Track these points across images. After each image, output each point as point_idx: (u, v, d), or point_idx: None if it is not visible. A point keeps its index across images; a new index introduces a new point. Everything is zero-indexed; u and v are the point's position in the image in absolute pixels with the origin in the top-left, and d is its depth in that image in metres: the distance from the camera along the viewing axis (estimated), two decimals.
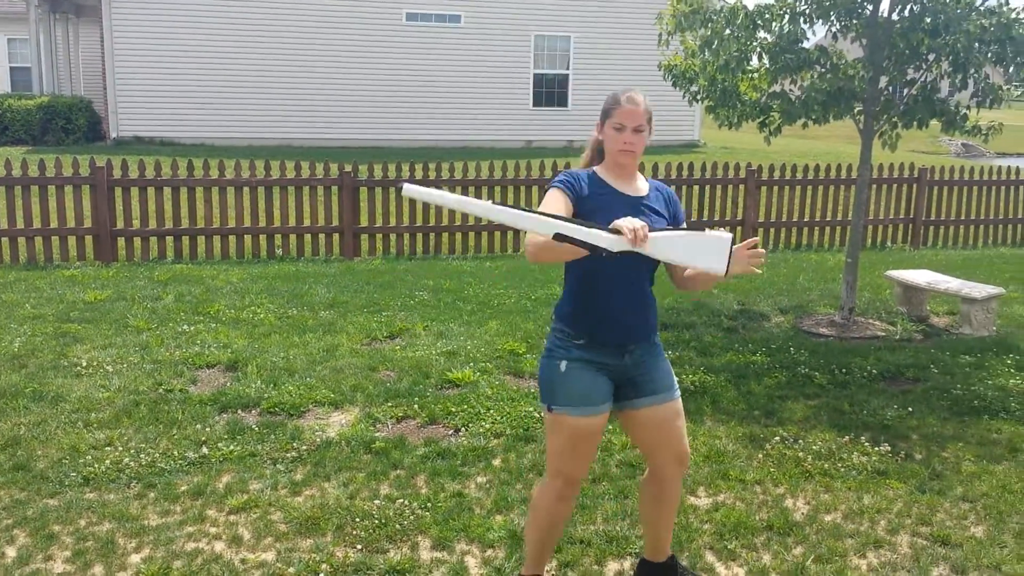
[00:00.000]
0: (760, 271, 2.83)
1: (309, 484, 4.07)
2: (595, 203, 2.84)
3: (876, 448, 4.60)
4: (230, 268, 8.84)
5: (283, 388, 5.26)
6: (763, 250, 2.81)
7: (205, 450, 4.38)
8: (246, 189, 9.49)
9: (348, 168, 9.71)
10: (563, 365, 2.86)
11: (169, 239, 9.30)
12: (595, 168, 2.98)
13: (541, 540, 3.06)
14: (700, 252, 2.69)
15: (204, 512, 3.78)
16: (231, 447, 4.42)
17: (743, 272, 2.80)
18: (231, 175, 9.51)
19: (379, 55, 20.14)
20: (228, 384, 5.35)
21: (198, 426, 4.67)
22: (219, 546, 3.51)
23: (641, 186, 2.97)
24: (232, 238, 9.49)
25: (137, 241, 9.22)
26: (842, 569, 3.43)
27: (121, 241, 9.15)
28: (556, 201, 2.82)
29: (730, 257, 2.70)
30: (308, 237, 9.74)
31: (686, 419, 3.09)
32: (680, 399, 3.03)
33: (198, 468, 4.20)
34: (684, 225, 2.97)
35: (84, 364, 5.60)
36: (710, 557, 3.51)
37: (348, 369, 5.66)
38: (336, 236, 9.72)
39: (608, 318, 2.87)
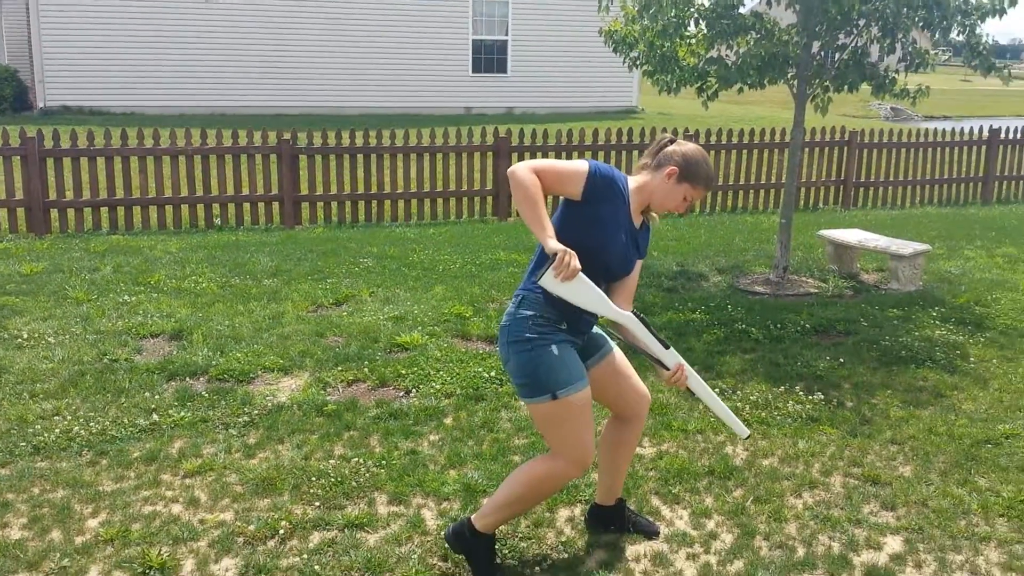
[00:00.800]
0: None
1: (263, 447, 4.11)
2: (605, 212, 2.90)
3: (810, 397, 4.82)
4: (168, 238, 8.73)
5: (231, 355, 5.26)
6: (678, 379, 3.04)
7: (156, 417, 4.38)
8: (182, 158, 9.34)
9: (287, 136, 9.61)
10: (555, 348, 2.89)
11: (104, 210, 9.12)
12: (630, 179, 3.02)
13: (519, 512, 3.17)
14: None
15: (159, 477, 3.81)
16: (182, 413, 4.43)
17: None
18: (166, 144, 9.34)
19: (315, 20, 19.83)
20: (174, 352, 5.34)
21: (147, 394, 4.67)
22: (176, 508, 3.55)
23: (639, 216, 3.05)
24: (169, 208, 9.34)
25: (71, 213, 9.03)
26: (779, 508, 3.63)
27: (54, 213, 8.95)
28: (568, 171, 2.84)
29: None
30: (247, 206, 9.64)
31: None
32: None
33: (149, 435, 4.21)
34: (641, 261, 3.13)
35: (25, 336, 5.52)
36: (656, 501, 3.68)
37: (295, 336, 5.68)
38: (276, 205, 9.64)
39: (585, 313, 2.94)
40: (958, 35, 6.85)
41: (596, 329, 3.18)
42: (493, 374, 5.03)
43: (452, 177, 10.34)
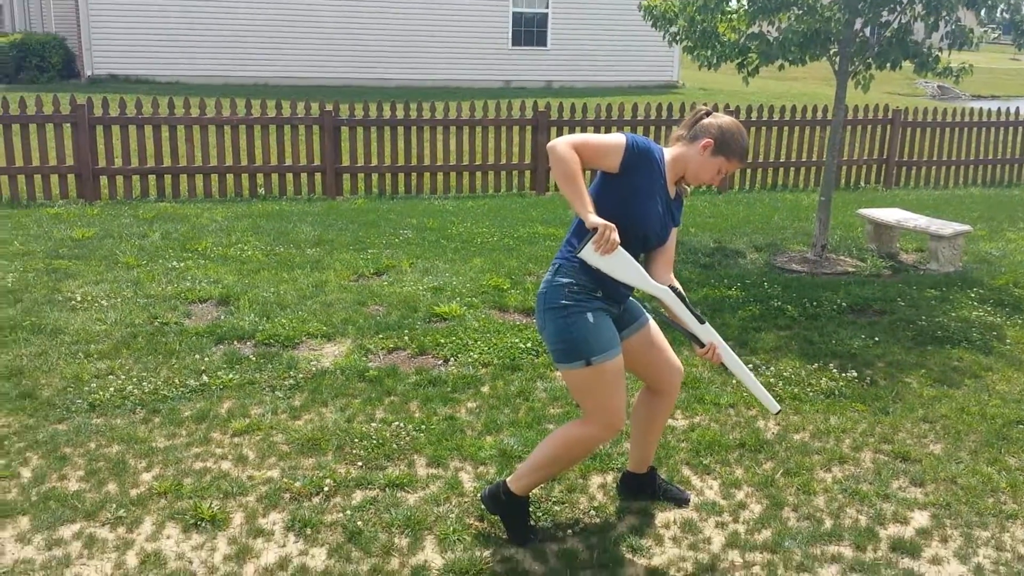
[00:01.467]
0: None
1: (307, 409, 4.27)
2: (644, 187, 2.97)
3: (843, 374, 4.87)
4: (214, 206, 8.92)
5: (276, 321, 5.42)
6: (711, 355, 3.08)
7: (205, 378, 4.56)
8: (227, 128, 9.52)
9: (329, 107, 9.74)
10: (590, 316, 2.96)
11: (152, 178, 9.34)
12: (665, 151, 3.07)
13: (552, 475, 3.26)
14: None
15: (209, 435, 3.97)
16: (230, 375, 4.60)
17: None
18: (212, 114, 9.52)
19: None
20: (222, 317, 5.51)
21: (196, 356, 4.84)
22: (226, 465, 3.72)
23: (673, 187, 3.11)
24: (215, 177, 9.54)
25: (120, 180, 9.25)
26: (808, 481, 3.70)
27: (104, 180, 9.17)
28: (607, 145, 2.92)
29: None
30: (290, 176, 9.80)
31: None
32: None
33: (199, 395, 4.39)
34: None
35: (79, 298, 5.73)
36: (686, 471, 3.77)
37: (338, 304, 5.83)
38: (318, 175, 9.80)
39: (621, 284, 3.02)
40: (1003, 13, 6.76)
41: (632, 300, 3.26)
42: (529, 345, 5.13)
43: (491, 150, 10.42)
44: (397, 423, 4.10)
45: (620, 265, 2.90)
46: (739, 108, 11.15)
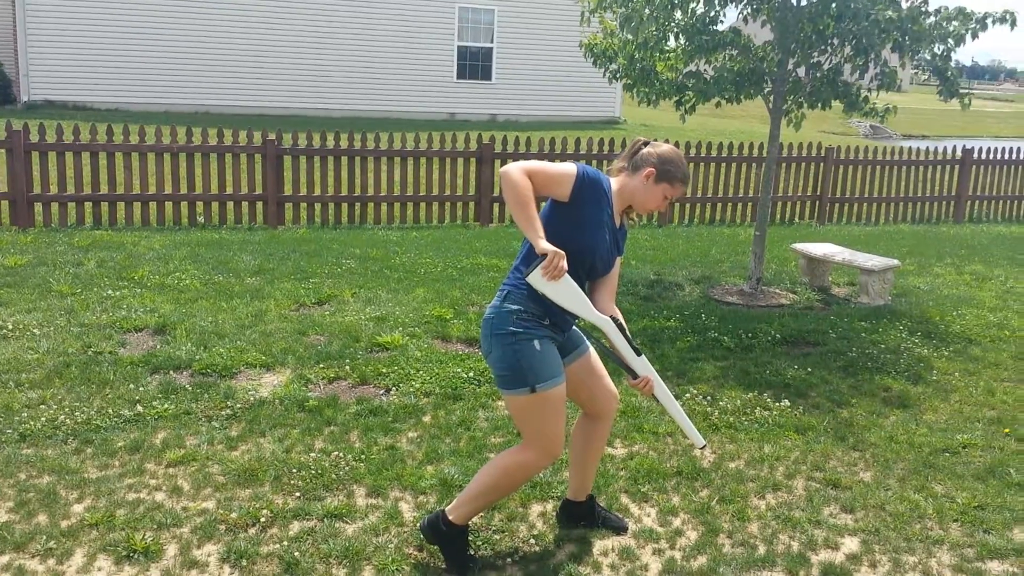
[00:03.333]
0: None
1: (245, 439, 4.22)
2: (593, 216, 3.04)
3: (777, 404, 4.98)
4: (151, 235, 8.79)
5: (214, 351, 5.35)
6: (645, 387, 3.17)
7: (140, 408, 4.48)
8: (167, 155, 9.41)
9: (272, 136, 9.70)
10: (537, 344, 3.00)
11: (88, 205, 9.17)
12: (612, 182, 3.16)
13: (491, 502, 3.28)
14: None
15: (143, 466, 3.90)
16: (165, 405, 4.52)
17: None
18: (152, 141, 9.40)
19: (302, 23, 19.91)
20: (158, 347, 5.42)
21: (131, 386, 4.76)
22: (160, 496, 3.65)
23: (619, 216, 3.20)
24: (153, 205, 9.40)
25: (55, 207, 9.07)
26: (743, 508, 3.78)
27: (38, 206, 8.97)
28: (557, 174, 2.97)
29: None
30: (231, 205, 9.71)
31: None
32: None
33: (134, 425, 4.31)
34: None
35: (10, 327, 5.59)
36: (625, 499, 3.82)
37: (278, 333, 5.78)
38: (260, 204, 9.72)
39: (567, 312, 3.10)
40: (928, 58, 7.06)
41: (574, 327, 3.31)
42: (472, 375, 5.15)
43: (435, 181, 10.47)
44: (336, 453, 4.08)
45: (566, 293, 2.95)
46: (678, 144, 11.34)
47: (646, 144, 3.20)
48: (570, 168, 3.01)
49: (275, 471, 3.88)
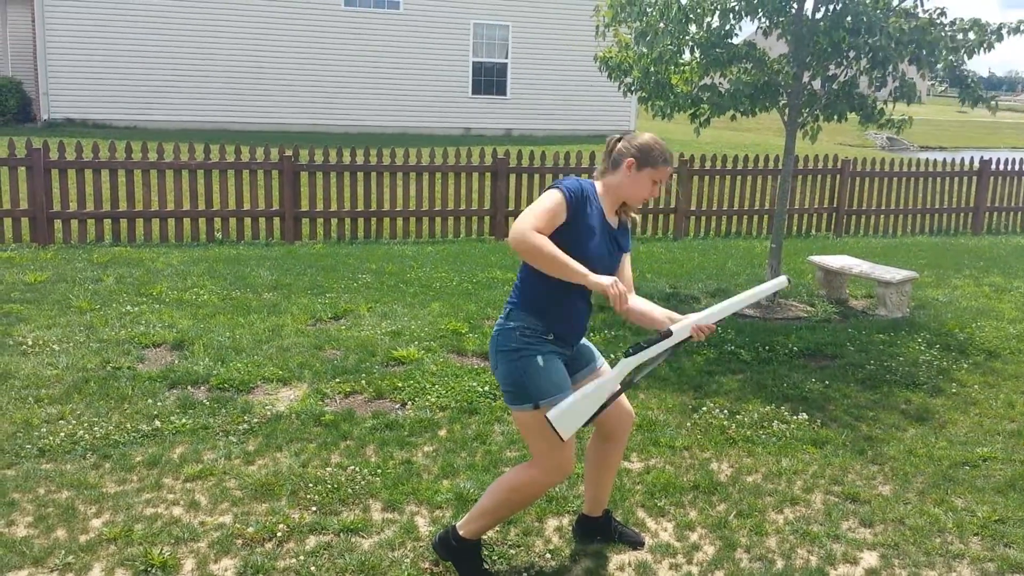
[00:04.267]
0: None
1: (262, 454, 4.23)
2: (587, 226, 3.01)
3: (795, 417, 4.95)
4: (170, 251, 8.86)
5: (231, 365, 5.38)
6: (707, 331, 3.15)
7: (157, 423, 4.50)
8: (185, 172, 9.50)
9: (289, 152, 9.78)
10: (540, 360, 3.00)
11: (107, 222, 9.27)
12: (596, 184, 3.15)
13: (501, 519, 3.26)
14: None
15: (161, 480, 3.92)
16: (183, 420, 4.55)
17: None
18: (170, 158, 9.50)
19: (318, 40, 20.09)
20: (176, 362, 5.46)
21: (149, 401, 4.79)
22: (177, 511, 3.67)
23: (615, 217, 3.19)
24: (171, 221, 9.48)
25: (74, 223, 9.16)
26: (761, 523, 3.75)
27: (58, 223, 9.08)
28: (554, 208, 2.92)
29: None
30: (248, 221, 9.78)
31: None
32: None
33: (152, 440, 4.33)
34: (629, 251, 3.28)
35: (30, 343, 5.64)
36: (641, 513, 3.80)
37: (294, 348, 5.80)
38: (277, 220, 9.79)
39: (574, 321, 3.12)
40: (944, 69, 7.03)
41: (585, 343, 3.31)
42: (487, 389, 5.15)
43: (451, 196, 10.51)
44: (352, 467, 4.09)
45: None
46: (693, 157, 11.39)
47: (620, 139, 3.16)
48: (555, 194, 2.95)
49: (292, 485, 3.89)
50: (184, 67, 19.18)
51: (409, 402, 4.97)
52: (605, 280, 2.84)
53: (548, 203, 2.93)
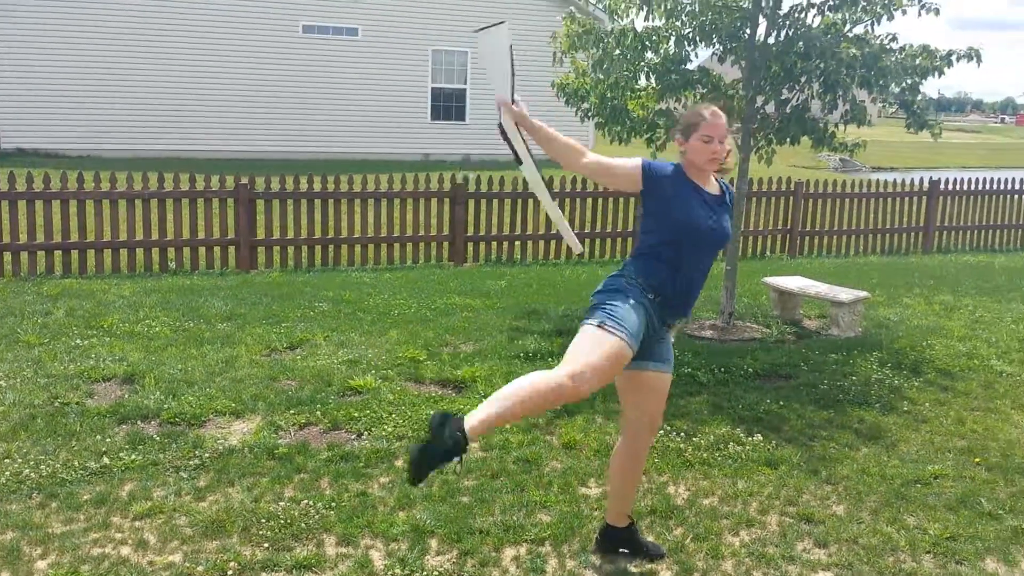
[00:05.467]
0: None
1: (213, 490, 4.16)
2: (674, 191, 3.28)
3: (751, 439, 4.98)
4: (122, 282, 8.72)
5: (182, 399, 5.29)
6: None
7: (106, 460, 4.40)
8: (139, 202, 9.38)
9: (244, 180, 9.70)
10: (632, 301, 3.17)
11: (58, 253, 9.10)
12: (680, 164, 3.38)
13: (507, 414, 2.97)
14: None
15: (108, 519, 3.83)
16: (132, 456, 4.46)
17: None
18: (123, 187, 9.37)
19: (275, 67, 20.02)
20: (126, 396, 5.36)
21: (97, 437, 4.69)
22: (125, 550, 3.58)
23: (714, 185, 3.41)
24: (124, 251, 9.35)
25: (24, 256, 8.98)
26: (717, 546, 3.76)
27: (7, 256, 8.90)
28: (625, 162, 3.31)
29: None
30: (203, 250, 9.68)
31: (579, 415, 3.38)
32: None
33: (100, 477, 4.23)
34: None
35: None
36: None
37: (248, 379, 5.73)
38: (232, 249, 9.69)
39: (681, 291, 3.30)
40: (896, 91, 7.19)
41: (671, 347, 3.44)
42: None
43: (409, 222, 10.49)
44: (306, 501, 4.03)
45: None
46: None
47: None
48: (635, 160, 3.29)
49: (243, 521, 3.82)
50: (137, 95, 19.00)
51: (365, 432, 4.92)
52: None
53: (623, 159, 3.28)
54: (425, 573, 3.47)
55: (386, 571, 3.45)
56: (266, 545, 3.64)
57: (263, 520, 3.83)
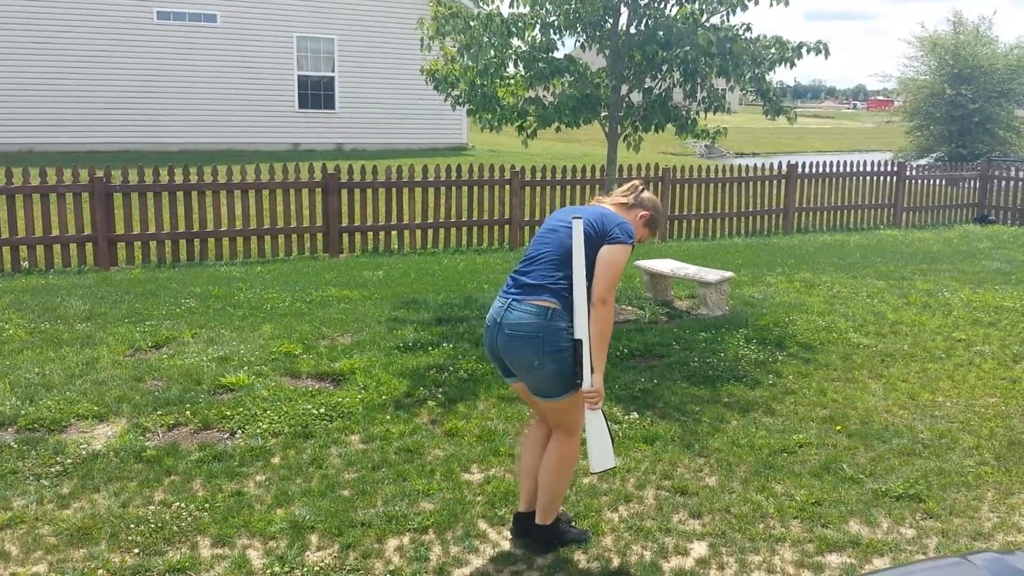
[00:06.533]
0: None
1: (78, 496, 3.95)
2: None
3: (628, 417, 5.11)
4: None
5: (41, 404, 5.00)
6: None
7: None
8: None
9: (100, 173, 9.22)
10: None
11: None
12: (613, 207, 3.61)
13: (564, 490, 3.63)
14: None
15: None
16: None
17: None
18: None
19: (129, 55, 19.10)
20: None
21: None
22: None
23: None
24: None
25: None
26: (598, 523, 3.84)
27: None
28: (625, 260, 3.41)
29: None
30: (58, 248, 9.16)
31: (461, 403, 3.37)
32: None
33: None
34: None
35: None
36: (483, 524, 3.80)
37: (111, 381, 5.46)
38: (89, 245, 9.21)
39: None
40: (750, 81, 7.49)
41: None
42: (323, 411, 5.03)
43: (280, 214, 10.22)
44: (178, 504, 3.88)
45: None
46: (524, 168, 11.60)
47: (646, 190, 3.73)
48: (628, 249, 3.37)
49: (111, 528, 3.65)
50: None
51: (239, 430, 4.78)
52: (600, 386, 3.32)
53: (622, 263, 3.37)
54: (306, 570, 3.40)
55: (264, 570, 3.36)
56: (136, 551, 3.49)
57: (132, 525, 3.67)
